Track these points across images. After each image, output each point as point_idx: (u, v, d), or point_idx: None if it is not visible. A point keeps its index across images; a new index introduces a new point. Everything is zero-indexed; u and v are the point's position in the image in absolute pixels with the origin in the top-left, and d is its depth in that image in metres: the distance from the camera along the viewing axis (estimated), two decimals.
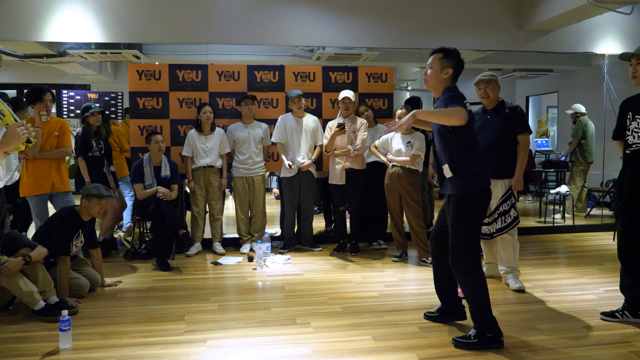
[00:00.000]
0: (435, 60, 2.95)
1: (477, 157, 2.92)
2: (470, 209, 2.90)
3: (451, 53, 2.93)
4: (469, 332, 2.93)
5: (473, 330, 2.92)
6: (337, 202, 5.19)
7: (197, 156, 5.16)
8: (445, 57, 2.93)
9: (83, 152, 4.96)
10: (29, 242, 3.56)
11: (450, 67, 2.91)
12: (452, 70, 2.91)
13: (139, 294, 3.96)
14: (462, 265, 2.91)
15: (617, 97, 6.44)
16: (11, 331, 3.19)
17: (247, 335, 3.10)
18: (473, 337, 2.88)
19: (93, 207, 3.80)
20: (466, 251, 2.90)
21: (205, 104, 5.17)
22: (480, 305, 2.89)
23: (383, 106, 5.75)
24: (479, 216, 2.98)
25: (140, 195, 4.91)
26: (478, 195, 2.91)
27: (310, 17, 5.58)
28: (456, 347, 2.87)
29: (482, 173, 2.93)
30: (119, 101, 6.55)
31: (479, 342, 2.85)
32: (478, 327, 2.90)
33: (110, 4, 5.27)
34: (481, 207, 2.95)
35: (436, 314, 3.32)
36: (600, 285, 4.12)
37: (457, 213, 2.91)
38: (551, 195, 6.79)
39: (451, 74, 2.92)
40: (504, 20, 5.87)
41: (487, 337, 2.87)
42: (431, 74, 2.97)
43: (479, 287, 2.89)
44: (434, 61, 2.95)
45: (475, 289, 2.89)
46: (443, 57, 2.93)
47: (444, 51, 2.94)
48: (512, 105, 4.00)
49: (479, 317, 2.90)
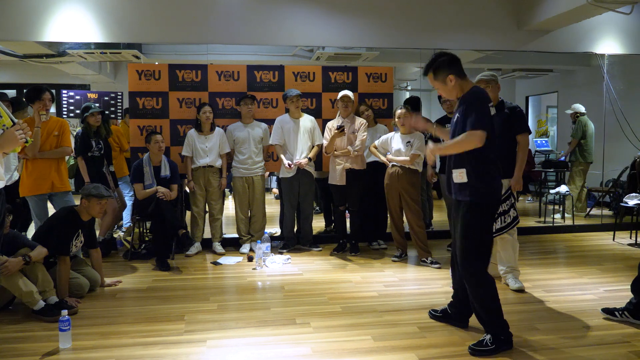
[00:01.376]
0: (432, 81, 2.93)
1: (494, 162, 2.84)
2: (483, 216, 2.84)
3: (436, 64, 2.87)
4: (484, 338, 2.84)
5: (487, 335, 2.84)
6: (337, 202, 5.19)
7: (196, 156, 5.16)
8: (435, 72, 2.89)
9: (82, 152, 4.96)
10: (28, 242, 3.56)
11: (448, 74, 2.85)
12: (452, 75, 2.85)
13: (139, 294, 3.96)
14: (473, 277, 2.84)
15: (617, 97, 6.44)
16: (11, 331, 3.19)
17: (246, 335, 3.10)
18: (490, 343, 2.80)
19: (93, 207, 3.80)
20: (479, 262, 2.84)
21: (205, 104, 5.17)
22: (493, 313, 2.84)
23: (383, 106, 5.75)
24: (491, 223, 2.91)
25: (140, 195, 4.91)
26: (493, 202, 2.87)
27: (310, 17, 5.58)
28: (473, 354, 2.78)
29: (498, 179, 2.87)
30: (118, 101, 6.55)
31: (496, 347, 2.79)
32: (492, 331, 2.84)
33: (110, 4, 5.26)
34: (494, 214, 2.92)
35: (440, 314, 3.31)
36: (600, 285, 4.12)
37: (469, 221, 2.83)
38: (551, 195, 6.79)
39: (455, 78, 2.85)
40: (503, 20, 5.87)
41: (501, 339, 2.82)
42: (442, 92, 2.94)
43: (491, 295, 2.83)
44: (433, 83, 2.93)
45: (487, 299, 2.83)
46: (434, 75, 2.90)
47: (430, 69, 2.90)
48: (512, 105, 4.00)
49: (492, 323, 2.85)
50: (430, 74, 2.91)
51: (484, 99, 2.83)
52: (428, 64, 2.92)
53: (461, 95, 2.88)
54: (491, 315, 2.85)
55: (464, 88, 2.88)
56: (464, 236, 2.86)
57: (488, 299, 2.85)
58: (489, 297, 2.84)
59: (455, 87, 2.87)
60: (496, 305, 2.85)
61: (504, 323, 2.86)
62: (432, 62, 2.90)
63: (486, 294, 2.84)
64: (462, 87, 2.88)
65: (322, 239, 5.71)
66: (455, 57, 2.89)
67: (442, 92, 2.95)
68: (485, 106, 2.80)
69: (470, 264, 2.85)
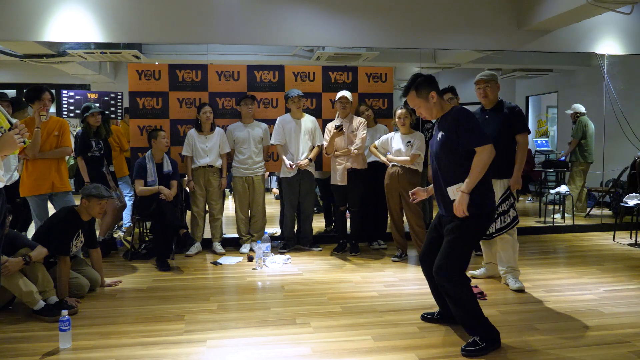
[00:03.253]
0: (413, 100, 2.95)
1: (487, 177, 2.86)
2: (475, 230, 2.88)
3: (416, 83, 2.92)
4: (474, 339, 2.84)
5: (476, 337, 2.85)
6: (338, 202, 5.19)
7: (196, 156, 5.16)
8: (418, 90, 2.92)
9: (82, 152, 4.96)
10: (28, 242, 3.56)
11: (430, 91, 2.91)
12: (434, 92, 2.91)
13: (139, 294, 3.96)
14: (453, 287, 2.83)
15: (617, 97, 6.44)
16: (11, 331, 3.19)
17: (246, 335, 3.11)
18: (480, 342, 2.80)
19: (93, 207, 3.80)
20: (457, 275, 2.84)
21: (205, 104, 5.17)
22: (475, 319, 2.85)
23: (383, 106, 5.75)
24: (480, 238, 2.95)
25: (140, 191, 4.89)
26: (485, 216, 2.89)
27: (310, 17, 5.58)
28: (466, 356, 2.77)
29: (490, 193, 2.91)
30: (118, 101, 6.55)
31: (487, 345, 2.80)
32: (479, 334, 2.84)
33: (110, 4, 5.26)
34: (486, 228, 2.95)
35: (437, 316, 3.28)
36: (600, 285, 4.12)
37: (459, 234, 2.84)
38: (551, 195, 6.79)
39: (436, 95, 2.91)
40: (503, 20, 5.87)
41: (490, 338, 2.84)
42: (423, 110, 2.96)
43: (470, 302, 2.84)
44: (414, 101, 2.95)
45: (467, 306, 2.84)
46: (416, 92, 2.93)
47: (412, 88, 2.93)
48: (511, 105, 4.00)
49: (476, 327, 2.85)
50: (412, 92, 2.94)
51: (470, 113, 2.90)
52: (407, 85, 2.97)
53: (441, 115, 2.95)
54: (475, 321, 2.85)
55: (444, 107, 2.95)
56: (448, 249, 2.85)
57: (470, 307, 2.84)
58: (470, 305, 2.84)
59: (437, 105, 2.93)
60: (476, 308, 2.85)
61: (487, 321, 2.87)
62: (412, 82, 2.95)
63: (466, 304, 2.84)
64: (442, 107, 2.95)
65: (322, 239, 5.71)
66: (433, 76, 2.96)
67: (423, 111, 2.97)
68: (475, 119, 2.89)
69: (446, 277, 2.84)
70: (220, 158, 5.22)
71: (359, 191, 5.08)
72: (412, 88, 2.94)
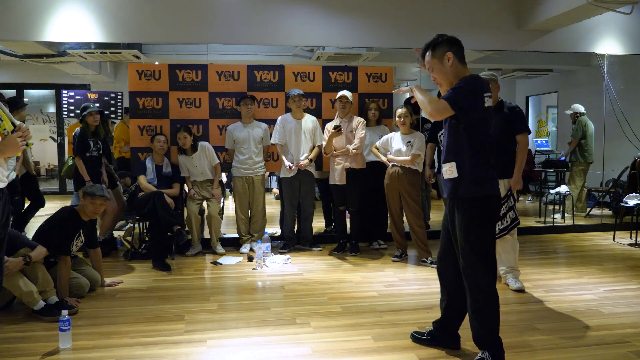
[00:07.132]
0: (428, 61, 2.67)
1: (484, 158, 2.60)
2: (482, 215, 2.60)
3: (435, 41, 2.63)
4: (482, 357, 2.59)
5: (484, 352, 2.60)
6: (337, 201, 5.19)
7: (191, 175, 5.29)
8: (434, 49, 2.64)
9: (80, 152, 4.96)
10: (29, 242, 3.56)
11: (447, 51, 2.60)
12: (451, 53, 2.60)
13: (139, 294, 3.96)
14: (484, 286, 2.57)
15: (617, 97, 6.44)
16: (11, 331, 3.19)
17: (246, 335, 3.11)
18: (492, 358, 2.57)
19: (87, 206, 3.79)
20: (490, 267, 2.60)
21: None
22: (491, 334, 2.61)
23: (383, 106, 5.74)
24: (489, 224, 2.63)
25: (144, 186, 5.05)
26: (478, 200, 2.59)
27: (310, 17, 5.58)
28: None
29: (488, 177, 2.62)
30: (118, 101, 6.55)
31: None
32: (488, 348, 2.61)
33: (110, 4, 5.26)
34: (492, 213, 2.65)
35: (427, 337, 2.95)
36: (600, 285, 4.12)
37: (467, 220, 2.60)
38: (551, 195, 6.79)
39: (453, 56, 2.60)
40: (503, 20, 5.86)
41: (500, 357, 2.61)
42: (437, 74, 2.66)
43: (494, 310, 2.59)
44: (429, 63, 2.67)
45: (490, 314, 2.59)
46: (432, 51, 2.64)
47: (430, 45, 2.65)
48: (511, 105, 4.00)
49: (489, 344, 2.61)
50: (428, 52, 2.66)
51: (475, 82, 2.58)
52: (427, 44, 2.68)
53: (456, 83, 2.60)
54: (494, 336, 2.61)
55: (459, 74, 2.62)
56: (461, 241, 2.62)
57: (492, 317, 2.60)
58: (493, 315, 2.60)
59: (452, 69, 2.61)
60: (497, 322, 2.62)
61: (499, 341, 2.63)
62: (432, 41, 2.66)
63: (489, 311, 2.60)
64: (458, 73, 2.62)
65: (322, 239, 5.71)
66: (457, 39, 2.66)
67: (437, 75, 2.66)
68: (470, 86, 2.55)
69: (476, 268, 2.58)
70: (214, 168, 5.32)
71: (358, 191, 5.08)
72: (430, 46, 2.64)
